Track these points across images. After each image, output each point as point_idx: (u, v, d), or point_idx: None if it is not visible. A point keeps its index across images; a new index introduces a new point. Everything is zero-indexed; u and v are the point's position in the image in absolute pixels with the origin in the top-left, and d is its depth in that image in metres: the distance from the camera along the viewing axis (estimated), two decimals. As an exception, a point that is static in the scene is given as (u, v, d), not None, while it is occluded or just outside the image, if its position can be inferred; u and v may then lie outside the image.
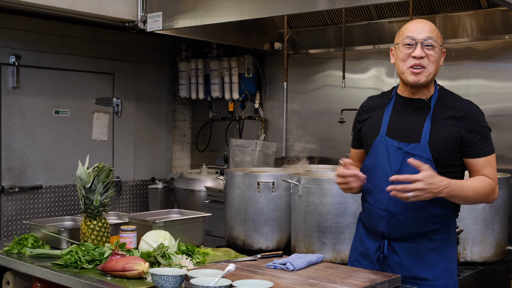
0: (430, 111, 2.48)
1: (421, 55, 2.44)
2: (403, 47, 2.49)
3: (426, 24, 2.49)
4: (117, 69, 5.75)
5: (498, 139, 4.37)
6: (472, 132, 2.45)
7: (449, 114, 2.46)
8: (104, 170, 2.88)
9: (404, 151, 2.44)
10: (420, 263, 2.49)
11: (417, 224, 2.47)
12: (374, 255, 2.57)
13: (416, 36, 2.45)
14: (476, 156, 2.46)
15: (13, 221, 5.00)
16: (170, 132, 6.31)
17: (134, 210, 5.90)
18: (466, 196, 2.40)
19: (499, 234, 3.75)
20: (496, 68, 4.40)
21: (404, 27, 2.54)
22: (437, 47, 2.46)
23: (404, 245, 2.50)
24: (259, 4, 4.00)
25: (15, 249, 2.90)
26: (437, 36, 2.47)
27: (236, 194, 3.99)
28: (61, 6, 4.28)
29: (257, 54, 5.81)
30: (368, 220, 2.60)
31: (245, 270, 2.52)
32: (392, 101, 2.59)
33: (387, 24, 4.87)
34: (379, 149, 2.52)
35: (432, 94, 2.53)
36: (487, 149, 2.48)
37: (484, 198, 2.49)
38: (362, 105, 2.72)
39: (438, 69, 2.50)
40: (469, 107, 2.49)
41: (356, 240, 2.71)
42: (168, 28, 4.56)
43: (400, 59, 2.51)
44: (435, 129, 2.45)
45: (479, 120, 2.48)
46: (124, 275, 2.41)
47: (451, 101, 2.51)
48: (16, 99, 5.00)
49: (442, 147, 2.43)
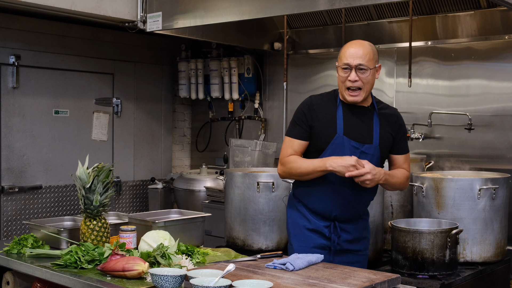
0: (375, 116, 2.94)
1: (355, 79, 2.84)
2: (341, 70, 2.89)
3: (359, 49, 2.86)
4: (117, 69, 5.75)
5: (498, 139, 4.38)
6: (399, 134, 3.00)
7: (386, 120, 2.96)
8: (104, 170, 2.88)
9: (360, 151, 2.87)
10: (357, 237, 3.03)
11: (360, 208, 3.04)
12: (324, 231, 2.98)
13: (350, 62, 2.85)
14: (400, 153, 3.03)
15: (13, 221, 5.00)
16: (170, 132, 6.31)
17: (134, 210, 5.90)
18: (394, 183, 2.96)
19: (499, 234, 3.76)
20: (496, 68, 4.40)
21: (342, 52, 2.91)
22: (368, 70, 2.86)
23: (349, 225, 3.00)
24: (259, 4, 4.00)
25: (15, 249, 2.90)
26: (368, 60, 2.85)
27: (236, 194, 3.99)
28: (61, 6, 4.28)
29: (257, 54, 5.81)
30: (320, 205, 2.97)
31: (245, 270, 2.53)
32: (340, 106, 2.94)
33: (387, 24, 4.87)
34: (337, 146, 2.87)
35: (371, 102, 2.98)
36: (407, 148, 3.07)
37: (403, 186, 3.05)
38: (310, 102, 2.98)
39: (373, 84, 2.93)
40: (398, 113, 3.04)
41: (300, 219, 3.03)
42: (167, 28, 4.57)
43: (340, 80, 2.91)
44: (381, 131, 2.93)
45: (403, 124, 3.05)
46: (124, 275, 2.41)
47: (385, 109, 3.01)
48: (16, 99, 5.00)
49: (385, 147, 2.95)
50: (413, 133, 4.68)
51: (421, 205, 3.86)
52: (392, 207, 4.17)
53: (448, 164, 4.58)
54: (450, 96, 4.61)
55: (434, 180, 3.79)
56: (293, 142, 2.95)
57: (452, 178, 3.81)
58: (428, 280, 3.37)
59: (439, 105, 4.64)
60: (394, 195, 4.15)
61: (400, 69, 4.85)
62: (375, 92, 5.05)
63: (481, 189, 3.67)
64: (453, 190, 3.71)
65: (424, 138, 4.66)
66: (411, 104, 4.79)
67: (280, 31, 5.52)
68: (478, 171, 4.28)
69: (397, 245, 3.55)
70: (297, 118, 2.97)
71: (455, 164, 4.55)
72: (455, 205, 3.70)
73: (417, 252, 3.46)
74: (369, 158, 2.87)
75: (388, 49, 4.92)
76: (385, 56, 4.93)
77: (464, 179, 3.77)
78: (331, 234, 2.97)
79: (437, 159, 4.63)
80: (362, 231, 3.06)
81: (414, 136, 4.67)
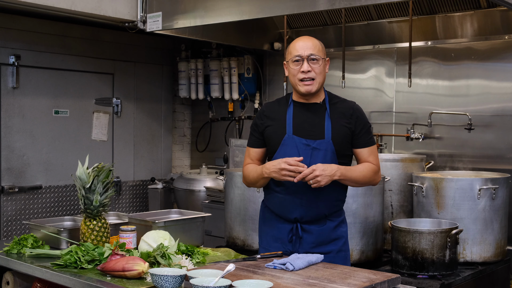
0: (327, 111, 2.90)
1: (308, 69, 2.85)
2: (292, 63, 2.88)
3: (309, 41, 2.88)
4: (117, 69, 5.75)
5: (498, 139, 4.38)
6: (358, 126, 2.91)
7: (340, 113, 2.91)
8: (104, 170, 2.88)
9: (312, 147, 2.83)
10: (326, 239, 2.91)
11: (325, 208, 2.89)
12: (287, 237, 2.91)
13: (301, 54, 2.86)
14: (363, 146, 2.92)
15: (13, 221, 5.00)
16: (170, 132, 6.31)
17: (134, 210, 5.90)
18: (355, 178, 2.85)
19: (499, 234, 3.76)
20: (496, 68, 4.40)
21: (291, 46, 2.91)
22: (320, 60, 2.87)
23: (314, 226, 2.90)
24: (259, 4, 4.00)
25: (15, 249, 2.90)
26: (318, 50, 2.87)
27: (236, 194, 3.99)
28: (61, 6, 4.28)
29: (256, 54, 5.81)
30: (280, 208, 2.92)
31: (245, 270, 2.52)
32: (291, 106, 2.94)
33: (387, 24, 4.87)
34: (287, 146, 2.86)
35: (324, 98, 2.95)
36: (370, 140, 2.95)
37: (369, 180, 2.92)
38: (261, 110, 3.03)
39: (325, 77, 2.93)
40: (355, 106, 2.96)
41: (265, 226, 3.02)
42: (167, 28, 4.56)
43: (292, 74, 2.90)
44: (333, 125, 2.88)
45: (362, 117, 2.95)
46: (124, 275, 2.41)
47: (340, 103, 2.97)
48: (16, 99, 5.00)
49: (341, 141, 2.87)
50: (413, 133, 4.68)
51: (421, 205, 3.86)
52: (392, 207, 4.17)
53: (448, 164, 4.58)
54: (450, 96, 4.61)
55: (434, 180, 3.79)
56: (249, 151, 3.02)
57: (452, 178, 3.82)
58: (428, 280, 3.37)
59: (439, 105, 4.64)
60: (394, 195, 4.15)
61: (400, 69, 4.85)
62: (374, 91, 5.10)
63: (481, 189, 3.67)
64: (453, 190, 3.72)
65: (424, 138, 4.67)
66: (411, 104, 4.79)
67: (280, 31, 5.52)
68: (478, 171, 4.28)
69: (397, 245, 3.56)
70: (251, 128, 3.04)
71: (455, 164, 4.55)
72: (455, 205, 3.71)
73: (417, 252, 3.46)
74: (322, 153, 2.83)
75: (388, 49, 4.92)
76: (385, 56, 4.93)
77: (464, 179, 3.77)
78: (292, 238, 2.90)
79: (437, 159, 4.63)
80: (329, 232, 2.91)
81: (414, 136, 4.68)
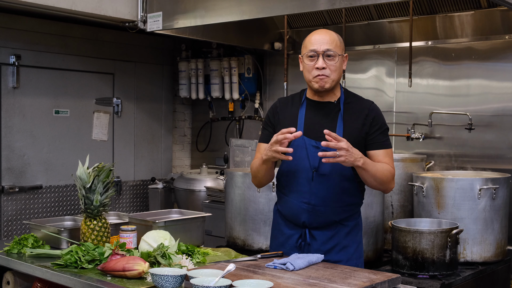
0: (340, 111, 2.76)
1: (323, 66, 2.70)
2: (307, 58, 2.74)
3: (326, 36, 2.73)
4: (117, 69, 5.75)
5: (498, 139, 4.38)
6: (373, 127, 2.75)
7: (356, 113, 2.76)
8: (104, 170, 2.88)
9: (321, 149, 2.62)
10: (336, 247, 2.78)
11: (334, 213, 2.75)
12: (295, 243, 2.81)
13: (317, 49, 2.70)
14: (377, 148, 2.75)
15: (13, 221, 5.00)
16: (170, 132, 6.31)
17: (134, 210, 5.90)
18: (374, 173, 2.65)
19: (499, 234, 3.76)
20: (496, 68, 4.40)
21: (307, 39, 2.77)
22: (336, 56, 2.72)
23: (323, 232, 2.77)
24: (259, 4, 4.00)
25: (15, 249, 2.90)
26: (336, 46, 2.72)
27: (236, 194, 3.99)
28: (61, 6, 4.28)
29: (257, 54, 5.81)
30: (289, 212, 2.83)
31: (245, 270, 2.52)
32: (304, 104, 2.83)
33: (387, 24, 4.87)
34: (297, 147, 2.73)
35: (339, 96, 2.80)
36: (386, 143, 2.78)
37: (385, 182, 2.72)
38: (275, 106, 2.93)
39: (341, 74, 2.78)
40: (372, 106, 2.80)
41: (275, 230, 2.94)
42: (168, 28, 4.56)
43: (306, 70, 2.76)
44: (346, 127, 2.74)
45: (379, 117, 2.79)
46: (124, 275, 2.41)
47: (356, 102, 2.81)
48: (16, 99, 5.00)
49: (353, 143, 2.63)
50: (413, 133, 4.68)
51: (422, 205, 3.86)
52: (393, 207, 4.17)
53: (448, 164, 4.58)
54: (450, 96, 4.61)
55: (434, 180, 3.79)
56: (260, 147, 2.89)
57: (453, 178, 3.82)
58: (428, 280, 3.37)
59: (439, 105, 4.64)
60: (395, 195, 4.15)
61: (400, 69, 4.85)
62: (375, 91, 5.10)
63: (481, 189, 3.67)
64: (453, 190, 3.72)
65: (424, 138, 4.66)
66: (411, 104, 4.79)
67: (281, 31, 5.52)
68: (478, 171, 4.28)
69: (397, 245, 3.56)
70: (264, 123, 2.96)
71: (455, 164, 4.55)
72: (455, 205, 3.70)
73: (417, 252, 3.46)
74: None
75: (388, 49, 4.92)
76: (385, 56, 4.93)
77: (464, 179, 3.77)
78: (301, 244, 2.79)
79: (437, 159, 4.62)
80: (341, 239, 2.78)
81: (414, 136, 4.67)
